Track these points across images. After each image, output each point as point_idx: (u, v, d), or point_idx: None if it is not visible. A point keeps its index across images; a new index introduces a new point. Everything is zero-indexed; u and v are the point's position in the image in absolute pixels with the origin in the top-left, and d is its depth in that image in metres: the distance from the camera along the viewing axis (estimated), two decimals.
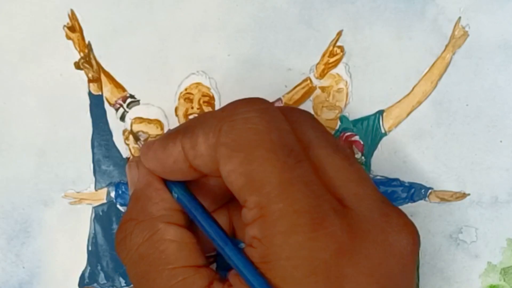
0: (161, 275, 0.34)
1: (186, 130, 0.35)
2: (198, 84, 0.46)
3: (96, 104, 0.46)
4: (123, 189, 0.45)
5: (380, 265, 0.32)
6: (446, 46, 0.46)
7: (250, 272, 0.32)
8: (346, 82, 0.47)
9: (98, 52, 0.45)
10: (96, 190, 0.45)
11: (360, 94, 0.45)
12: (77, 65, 0.45)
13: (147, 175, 0.37)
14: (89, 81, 0.45)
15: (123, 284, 0.46)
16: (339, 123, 0.47)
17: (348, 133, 0.47)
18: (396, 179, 0.45)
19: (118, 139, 0.45)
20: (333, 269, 0.31)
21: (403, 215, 0.35)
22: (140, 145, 0.42)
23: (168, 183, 0.37)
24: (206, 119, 0.35)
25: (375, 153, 0.46)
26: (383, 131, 0.46)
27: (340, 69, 0.46)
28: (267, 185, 0.32)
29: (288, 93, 0.46)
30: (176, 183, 0.37)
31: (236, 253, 0.33)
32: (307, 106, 0.46)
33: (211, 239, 0.35)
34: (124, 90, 0.46)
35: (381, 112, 0.46)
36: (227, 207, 0.39)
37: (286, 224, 0.31)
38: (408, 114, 0.46)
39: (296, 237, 0.31)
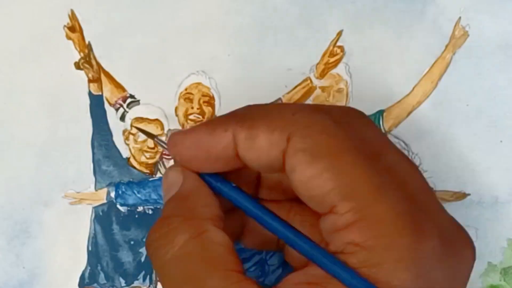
0: (212, 276, 0.32)
1: (241, 118, 0.34)
2: (198, 84, 0.46)
3: (96, 104, 0.46)
4: (123, 189, 0.45)
5: (458, 275, 0.33)
6: (446, 46, 0.46)
7: (345, 271, 0.31)
8: (346, 82, 0.47)
9: (98, 52, 0.45)
10: (96, 190, 0.45)
11: (360, 94, 0.45)
12: (77, 65, 0.45)
13: (196, 181, 0.36)
14: (89, 81, 0.45)
15: (123, 284, 0.46)
16: None
17: None
18: None
19: (118, 139, 0.45)
20: (432, 273, 0.31)
21: (465, 230, 0.35)
22: (157, 141, 0.41)
23: (206, 178, 0.36)
24: (269, 114, 0.34)
25: None
26: (383, 131, 0.46)
27: (340, 69, 0.46)
28: (360, 189, 0.31)
29: (288, 93, 0.46)
30: (217, 177, 0.36)
31: (317, 247, 0.32)
32: None
33: (274, 231, 0.34)
34: (124, 90, 0.46)
35: (381, 112, 0.46)
36: (239, 211, 0.39)
37: (390, 226, 0.31)
38: (408, 114, 0.46)
39: (404, 239, 0.31)
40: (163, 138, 0.46)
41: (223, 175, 0.37)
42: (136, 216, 0.46)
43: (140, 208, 0.46)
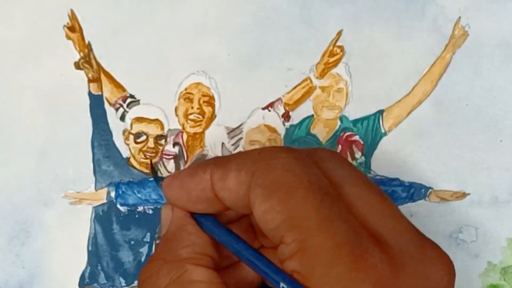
0: None
1: (218, 161, 0.36)
2: (198, 84, 0.46)
3: (96, 104, 0.46)
4: (123, 189, 0.45)
5: None
6: (446, 46, 0.46)
7: None
8: (346, 82, 0.47)
9: (98, 52, 0.45)
10: (96, 190, 0.45)
11: (360, 94, 0.45)
12: (77, 65, 0.46)
13: (180, 219, 0.37)
14: (89, 81, 0.45)
15: (123, 284, 0.46)
16: (339, 123, 0.47)
17: (348, 133, 0.47)
18: (396, 179, 0.45)
19: (118, 139, 0.45)
20: None
21: (437, 247, 0.35)
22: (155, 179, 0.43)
23: (198, 218, 0.37)
24: (240, 156, 0.36)
25: (375, 153, 0.46)
26: (383, 131, 0.46)
27: (340, 69, 0.46)
28: (306, 221, 0.32)
29: (288, 93, 0.46)
30: (208, 217, 0.37)
31: (290, 279, 0.33)
32: (307, 106, 0.46)
33: (254, 268, 0.35)
34: (124, 90, 0.46)
35: (381, 112, 0.46)
36: None
37: (327, 256, 0.32)
38: (408, 114, 0.46)
39: (338, 268, 0.31)
40: (163, 140, 0.46)
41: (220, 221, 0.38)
42: (136, 216, 0.46)
43: (140, 208, 0.46)
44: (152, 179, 0.46)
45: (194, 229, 0.37)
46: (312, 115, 0.48)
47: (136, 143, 0.46)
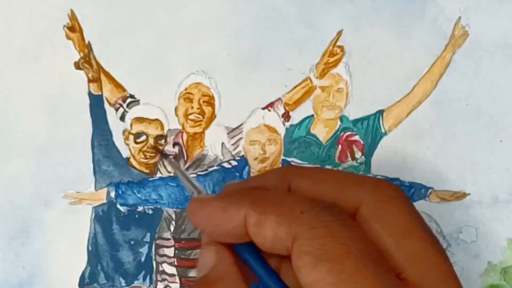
0: None
1: (254, 201, 0.35)
2: (198, 84, 0.46)
3: (96, 104, 0.46)
4: (123, 189, 0.45)
5: None
6: (446, 45, 0.46)
7: None
8: (346, 81, 0.47)
9: (98, 52, 0.45)
10: (96, 190, 0.45)
11: (360, 94, 0.45)
12: (77, 65, 0.46)
13: (226, 265, 0.36)
14: (89, 81, 0.45)
15: (123, 284, 0.46)
16: (339, 122, 0.47)
17: (348, 133, 0.47)
18: (396, 179, 0.45)
19: (118, 139, 0.45)
20: None
21: None
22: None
23: (236, 246, 0.37)
24: (280, 204, 0.35)
25: (375, 153, 0.46)
26: (383, 130, 0.46)
27: (340, 69, 0.46)
28: None
29: (288, 93, 0.46)
30: (247, 247, 0.36)
31: None
32: (307, 106, 0.46)
33: None
34: (124, 90, 0.46)
35: (381, 112, 0.46)
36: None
37: None
38: (408, 114, 0.46)
39: None
40: (163, 140, 0.46)
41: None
42: (136, 216, 0.46)
43: (140, 208, 0.46)
44: (152, 179, 0.46)
45: (239, 279, 0.36)
46: (312, 115, 0.48)
47: (136, 143, 0.46)
